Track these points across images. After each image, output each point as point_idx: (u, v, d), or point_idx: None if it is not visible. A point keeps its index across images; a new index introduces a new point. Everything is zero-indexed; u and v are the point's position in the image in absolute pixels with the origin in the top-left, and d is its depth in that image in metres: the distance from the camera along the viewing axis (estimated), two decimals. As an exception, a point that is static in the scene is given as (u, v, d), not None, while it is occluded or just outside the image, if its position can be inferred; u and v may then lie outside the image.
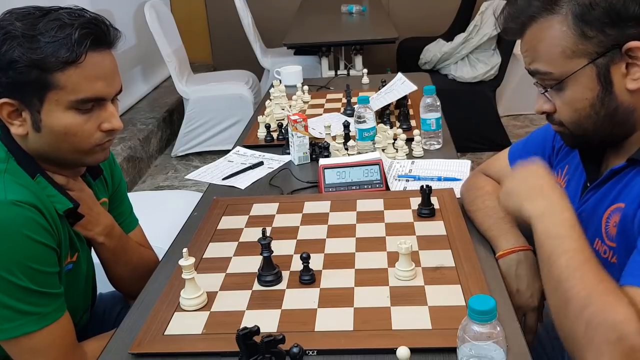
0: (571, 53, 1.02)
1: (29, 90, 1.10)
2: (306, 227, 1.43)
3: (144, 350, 1.04)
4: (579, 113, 1.06)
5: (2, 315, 1.08)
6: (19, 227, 1.06)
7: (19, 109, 1.12)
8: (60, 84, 1.10)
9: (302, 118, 1.80)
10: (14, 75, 1.08)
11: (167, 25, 4.15)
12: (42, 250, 1.11)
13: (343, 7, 4.57)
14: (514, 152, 1.40)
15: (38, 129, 1.13)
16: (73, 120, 1.14)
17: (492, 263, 1.23)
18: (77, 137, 1.15)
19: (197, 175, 1.84)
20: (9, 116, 1.13)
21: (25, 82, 1.09)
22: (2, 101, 1.11)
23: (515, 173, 1.14)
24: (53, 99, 1.11)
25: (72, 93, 1.11)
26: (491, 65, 3.86)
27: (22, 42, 1.07)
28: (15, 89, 1.10)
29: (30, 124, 1.13)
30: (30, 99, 1.11)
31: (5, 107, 1.11)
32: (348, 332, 1.05)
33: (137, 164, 3.89)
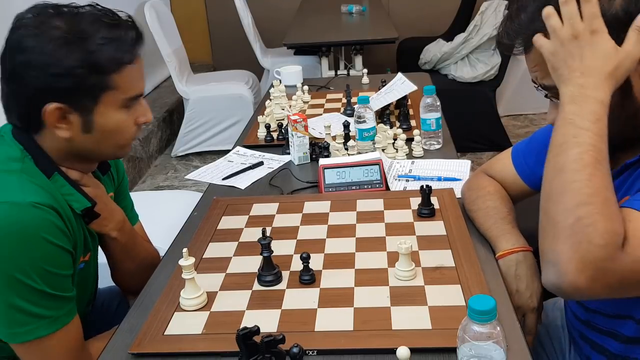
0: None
1: (84, 93, 1.10)
2: (306, 227, 1.43)
3: (144, 350, 1.04)
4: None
5: (16, 319, 1.08)
6: (37, 230, 1.06)
7: (67, 112, 1.11)
8: (116, 84, 1.12)
9: (302, 118, 1.80)
10: (71, 81, 1.08)
11: (167, 25, 4.15)
12: (59, 253, 1.11)
13: (343, 7, 4.57)
14: (517, 152, 1.39)
15: (89, 130, 1.14)
16: (122, 118, 1.16)
17: (492, 263, 1.23)
18: (123, 133, 1.18)
19: (197, 175, 1.84)
20: (57, 121, 1.12)
21: (82, 87, 1.09)
22: (53, 107, 1.09)
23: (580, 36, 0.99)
24: (108, 99, 1.12)
25: (125, 92, 1.14)
26: (491, 65, 3.86)
27: (75, 47, 1.07)
28: (69, 94, 1.09)
29: (79, 126, 1.13)
30: (84, 102, 1.11)
31: (54, 112, 1.10)
32: (348, 332, 1.05)
33: (137, 164, 3.89)
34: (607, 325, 1.11)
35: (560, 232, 0.91)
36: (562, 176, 0.94)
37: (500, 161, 1.43)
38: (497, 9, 3.81)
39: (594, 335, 1.15)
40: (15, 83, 1.11)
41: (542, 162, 1.32)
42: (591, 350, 1.17)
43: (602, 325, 1.12)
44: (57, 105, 1.10)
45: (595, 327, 1.14)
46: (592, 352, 1.17)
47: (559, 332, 1.38)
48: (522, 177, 1.36)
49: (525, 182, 1.36)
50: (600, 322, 1.12)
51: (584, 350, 1.20)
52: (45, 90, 1.09)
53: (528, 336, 1.18)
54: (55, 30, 1.07)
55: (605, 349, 1.13)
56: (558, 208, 0.93)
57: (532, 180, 1.35)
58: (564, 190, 0.93)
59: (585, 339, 1.18)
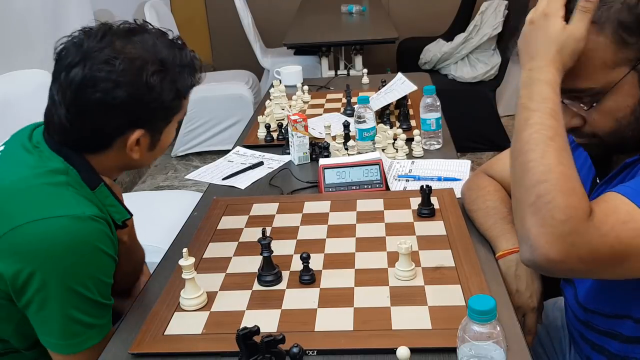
0: (612, 63, 0.98)
1: (163, 117, 1.15)
2: (306, 227, 1.43)
3: (144, 350, 1.05)
4: (619, 122, 1.02)
5: (72, 331, 1.08)
6: (95, 242, 1.08)
7: (143, 136, 1.14)
8: (183, 106, 1.18)
9: (302, 118, 1.80)
10: (165, 112, 1.14)
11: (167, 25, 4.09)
12: (110, 263, 1.13)
13: (343, 7, 4.57)
14: None
15: (153, 148, 1.18)
16: (173, 134, 1.22)
17: (492, 263, 1.23)
18: (167, 148, 1.25)
19: (197, 175, 1.84)
20: (136, 144, 1.14)
21: (164, 111, 1.14)
22: (138, 134, 1.12)
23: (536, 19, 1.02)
24: (175, 119, 1.18)
25: (183, 112, 1.19)
26: (491, 65, 3.86)
27: (165, 79, 1.10)
28: (152, 119, 1.13)
29: (147, 146, 1.17)
30: (159, 125, 1.16)
31: (136, 138, 1.12)
32: (348, 332, 1.05)
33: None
34: (606, 325, 1.11)
35: (526, 210, 0.93)
36: (519, 158, 0.97)
37: (500, 161, 1.43)
38: (497, 9, 3.81)
39: (594, 336, 1.15)
40: (96, 115, 1.09)
41: None
42: (591, 350, 1.17)
43: (601, 326, 1.12)
44: (142, 132, 1.13)
45: (595, 327, 1.14)
46: (592, 353, 1.17)
47: (559, 332, 1.38)
48: None
49: None
50: (599, 323, 1.12)
51: (584, 351, 1.20)
52: (136, 121, 1.11)
53: (528, 336, 1.18)
54: (149, 64, 1.09)
55: (605, 349, 1.13)
56: (521, 189, 0.96)
57: None
58: (523, 170, 0.96)
59: (585, 339, 1.18)
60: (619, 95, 1.00)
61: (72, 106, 1.09)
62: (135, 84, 1.07)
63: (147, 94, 1.09)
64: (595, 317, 1.13)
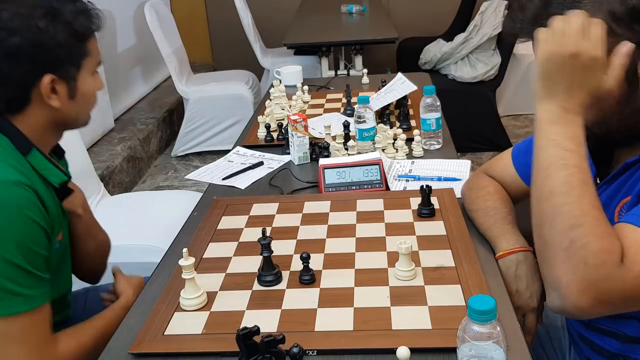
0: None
1: (70, 62, 1.20)
2: (306, 227, 1.43)
3: (144, 350, 1.05)
4: (604, 112, 1.03)
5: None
6: (21, 207, 1.09)
7: (57, 83, 1.19)
8: (90, 51, 1.23)
9: (302, 118, 1.80)
10: (64, 52, 1.17)
11: (167, 25, 4.15)
12: (39, 232, 1.12)
13: (343, 7, 4.57)
14: (517, 152, 1.39)
15: (73, 96, 1.22)
16: (94, 83, 1.27)
17: (492, 263, 1.23)
18: (94, 98, 1.28)
19: (197, 175, 1.84)
20: (51, 91, 1.18)
21: (70, 56, 1.19)
22: (48, 79, 1.17)
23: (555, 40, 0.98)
24: (86, 65, 1.23)
25: (94, 58, 1.25)
26: (491, 65, 3.86)
27: (58, 21, 1.16)
28: (60, 64, 1.18)
29: (66, 94, 1.21)
30: (69, 70, 1.20)
31: (49, 83, 1.17)
32: (348, 332, 1.05)
33: (137, 164, 3.89)
34: (609, 325, 1.11)
35: (557, 256, 0.92)
36: (552, 200, 0.96)
37: (500, 161, 1.43)
38: (497, 9, 3.80)
39: (594, 336, 1.15)
40: (2, 67, 1.14)
41: None
42: (590, 351, 1.17)
43: (604, 325, 1.12)
44: (52, 77, 1.17)
45: (597, 327, 1.14)
46: (592, 353, 1.17)
47: (559, 333, 1.38)
48: (522, 178, 1.36)
49: (525, 182, 1.36)
50: (603, 322, 1.12)
51: (583, 352, 1.20)
52: (41, 66, 1.16)
53: (528, 336, 1.18)
54: (35, 10, 1.14)
55: (604, 349, 1.13)
56: (551, 232, 0.94)
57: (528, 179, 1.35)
58: (555, 214, 0.94)
59: (584, 339, 1.18)
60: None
61: None
62: (26, 28, 1.13)
63: (40, 35, 1.14)
64: (599, 317, 1.13)
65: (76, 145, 2.34)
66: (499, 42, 3.87)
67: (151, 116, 4.38)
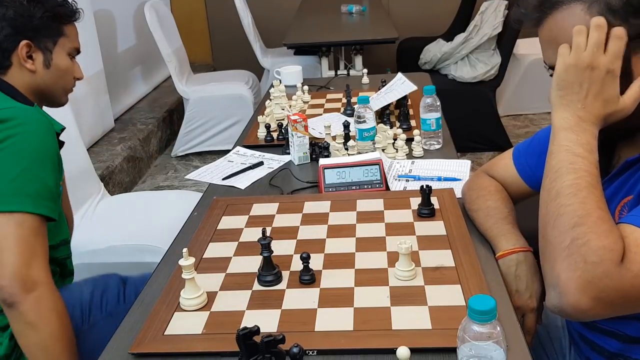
0: None
1: (46, 35, 1.45)
2: (306, 227, 1.43)
3: (144, 350, 1.05)
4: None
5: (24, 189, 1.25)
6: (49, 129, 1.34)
7: (33, 51, 1.43)
8: (67, 33, 1.49)
9: (302, 118, 1.80)
10: (39, 23, 1.42)
11: (167, 25, 4.15)
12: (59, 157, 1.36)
13: (343, 7, 4.57)
14: (518, 152, 1.39)
15: (48, 66, 1.46)
16: (69, 64, 1.51)
17: (492, 263, 1.23)
18: (68, 76, 1.51)
19: (197, 175, 1.84)
20: (26, 55, 1.42)
21: (46, 28, 1.44)
22: (24, 43, 1.41)
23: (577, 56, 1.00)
24: (62, 44, 1.48)
25: (71, 42, 1.50)
26: (491, 65, 3.85)
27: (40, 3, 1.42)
28: (36, 34, 1.43)
29: (42, 62, 1.45)
30: (45, 42, 1.45)
31: (25, 47, 1.41)
32: (348, 332, 1.05)
33: (137, 164, 3.89)
34: (610, 325, 1.11)
35: (558, 254, 0.93)
36: (557, 200, 0.97)
37: (501, 161, 1.43)
38: (497, 9, 3.80)
39: (595, 336, 1.15)
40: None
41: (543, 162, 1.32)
42: (591, 351, 1.17)
43: (605, 325, 1.12)
44: (27, 42, 1.41)
45: (598, 327, 1.14)
46: (592, 353, 1.17)
47: (559, 333, 1.38)
48: (523, 178, 1.36)
49: (526, 182, 1.36)
50: (603, 322, 1.12)
51: (583, 351, 1.20)
52: (20, 32, 1.41)
53: (527, 336, 1.18)
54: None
55: (605, 349, 1.13)
56: (554, 232, 0.95)
57: (533, 181, 1.35)
58: (559, 213, 0.95)
59: (584, 339, 1.18)
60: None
61: None
62: (12, 1, 1.40)
63: (22, 8, 1.40)
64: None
65: (76, 145, 2.34)
66: (499, 42, 3.87)
67: (151, 116, 4.38)
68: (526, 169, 1.36)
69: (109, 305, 1.48)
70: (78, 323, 1.41)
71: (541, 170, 1.29)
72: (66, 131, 1.46)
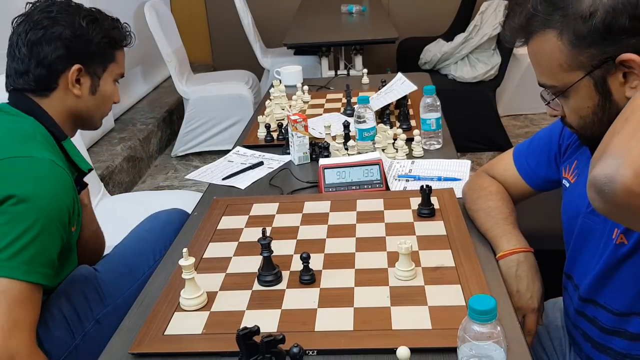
0: (567, 67, 1.03)
1: (99, 61, 1.41)
2: (306, 227, 1.43)
3: (144, 350, 1.04)
4: (584, 120, 1.08)
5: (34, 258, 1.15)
6: (69, 186, 1.25)
7: (81, 75, 1.37)
8: (118, 59, 1.45)
9: (302, 118, 1.80)
10: (95, 48, 1.38)
11: (167, 25, 4.14)
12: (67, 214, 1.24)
13: (343, 7, 4.57)
14: (519, 153, 1.40)
15: (94, 92, 1.41)
16: (114, 89, 1.46)
17: (492, 263, 1.23)
18: (109, 102, 1.46)
19: (197, 175, 1.84)
20: (76, 80, 1.37)
21: (100, 54, 1.40)
22: (76, 67, 1.35)
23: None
24: (111, 70, 1.43)
25: (119, 68, 1.46)
26: (491, 65, 3.85)
27: (98, 25, 1.39)
28: (89, 59, 1.38)
29: (88, 87, 1.39)
30: (95, 68, 1.40)
31: (75, 72, 1.36)
32: (348, 332, 1.05)
33: (137, 164, 3.89)
34: (612, 323, 1.11)
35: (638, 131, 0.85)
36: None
37: (501, 162, 1.43)
38: (497, 9, 3.80)
39: (597, 335, 1.15)
40: (43, 48, 1.32)
41: (543, 163, 1.31)
42: (592, 348, 1.17)
43: (607, 324, 1.12)
44: (79, 67, 1.36)
45: (600, 325, 1.14)
46: (593, 351, 1.17)
47: (559, 333, 1.38)
48: (524, 178, 1.36)
49: (527, 182, 1.36)
50: (606, 320, 1.12)
51: (584, 350, 1.20)
52: (73, 55, 1.35)
53: (528, 337, 1.18)
54: (82, 12, 1.38)
55: (609, 348, 1.13)
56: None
57: (533, 181, 1.35)
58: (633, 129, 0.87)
59: (587, 338, 1.18)
60: (579, 97, 1.05)
61: (23, 46, 1.33)
62: (69, 21, 1.34)
63: (79, 30, 1.35)
64: (601, 314, 1.13)
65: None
66: (499, 42, 3.86)
67: (151, 116, 4.38)
68: (527, 169, 1.36)
69: (94, 311, 1.39)
70: (69, 343, 1.33)
71: (541, 169, 1.28)
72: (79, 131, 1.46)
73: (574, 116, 1.09)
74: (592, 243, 1.14)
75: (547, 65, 1.06)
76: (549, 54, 1.05)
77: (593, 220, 1.13)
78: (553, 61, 1.05)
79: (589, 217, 1.14)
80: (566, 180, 1.24)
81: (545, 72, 1.08)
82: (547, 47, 1.05)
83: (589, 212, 1.14)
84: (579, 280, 1.18)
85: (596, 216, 1.11)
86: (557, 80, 1.06)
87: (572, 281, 1.21)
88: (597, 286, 1.13)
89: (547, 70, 1.07)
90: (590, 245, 1.15)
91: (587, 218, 1.15)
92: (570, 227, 1.21)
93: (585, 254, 1.17)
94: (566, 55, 1.03)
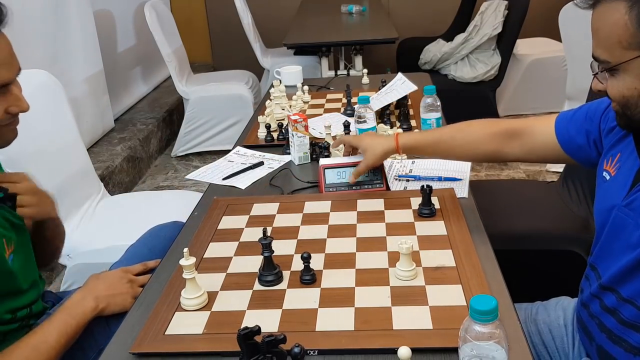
0: (627, 44, 1.02)
1: None
2: (307, 227, 1.43)
3: (144, 350, 1.04)
4: (627, 99, 1.07)
5: None
6: None
7: None
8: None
9: (302, 118, 1.80)
10: None
11: (167, 25, 4.14)
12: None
13: (343, 7, 4.57)
14: (561, 122, 1.37)
15: None
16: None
17: (493, 263, 1.23)
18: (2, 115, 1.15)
19: (197, 175, 1.84)
20: None
21: None
22: None
23: None
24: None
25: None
26: (491, 65, 3.86)
27: None
28: None
29: None
30: None
31: None
32: (349, 332, 1.05)
33: (137, 164, 3.89)
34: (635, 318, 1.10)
35: None
36: None
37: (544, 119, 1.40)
38: (497, 9, 3.81)
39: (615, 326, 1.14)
40: None
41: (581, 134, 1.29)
42: (606, 339, 1.16)
43: (629, 318, 1.11)
44: None
45: (620, 317, 1.13)
46: (607, 342, 1.15)
47: (561, 332, 1.37)
48: (560, 141, 1.34)
49: (562, 145, 1.34)
50: (628, 314, 1.11)
51: (596, 340, 1.18)
52: None
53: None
54: None
55: (624, 340, 1.12)
56: None
57: (568, 145, 1.33)
58: None
59: (603, 328, 1.17)
60: (628, 75, 1.04)
61: None
62: None
63: None
64: (626, 307, 1.12)
65: (76, 145, 2.34)
66: (499, 42, 3.87)
67: (151, 116, 4.38)
68: (564, 133, 1.34)
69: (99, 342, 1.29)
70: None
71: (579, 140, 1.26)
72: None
73: (617, 94, 1.08)
74: (624, 237, 1.13)
75: (606, 38, 1.04)
76: (612, 26, 1.02)
77: (627, 214, 1.12)
78: (613, 36, 1.03)
79: (623, 211, 1.13)
80: (607, 173, 1.22)
81: (602, 45, 1.05)
82: (612, 17, 1.02)
83: (624, 205, 1.12)
84: (604, 272, 1.17)
85: (631, 210, 1.10)
86: (612, 57, 1.04)
87: (596, 272, 1.20)
88: (622, 277, 1.12)
89: (605, 44, 1.05)
90: (621, 239, 1.14)
91: (621, 211, 1.13)
92: (603, 220, 1.19)
93: (615, 247, 1.15)
94: (629, 32, 1.01)
